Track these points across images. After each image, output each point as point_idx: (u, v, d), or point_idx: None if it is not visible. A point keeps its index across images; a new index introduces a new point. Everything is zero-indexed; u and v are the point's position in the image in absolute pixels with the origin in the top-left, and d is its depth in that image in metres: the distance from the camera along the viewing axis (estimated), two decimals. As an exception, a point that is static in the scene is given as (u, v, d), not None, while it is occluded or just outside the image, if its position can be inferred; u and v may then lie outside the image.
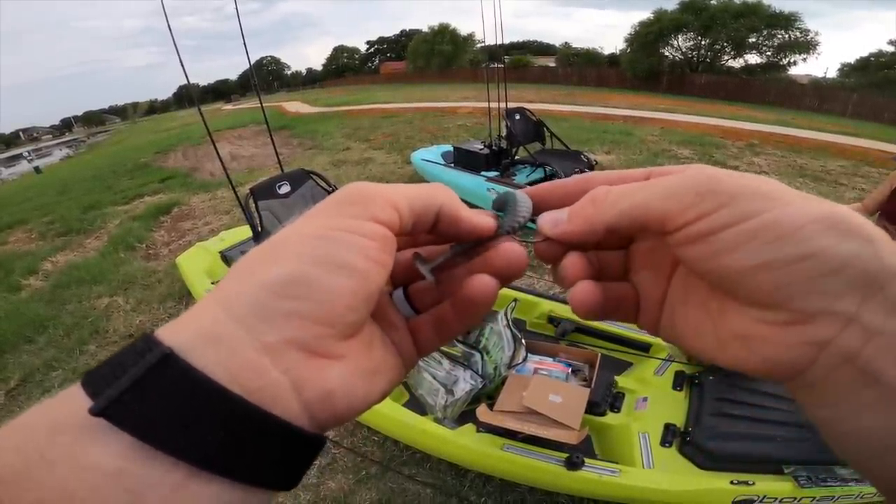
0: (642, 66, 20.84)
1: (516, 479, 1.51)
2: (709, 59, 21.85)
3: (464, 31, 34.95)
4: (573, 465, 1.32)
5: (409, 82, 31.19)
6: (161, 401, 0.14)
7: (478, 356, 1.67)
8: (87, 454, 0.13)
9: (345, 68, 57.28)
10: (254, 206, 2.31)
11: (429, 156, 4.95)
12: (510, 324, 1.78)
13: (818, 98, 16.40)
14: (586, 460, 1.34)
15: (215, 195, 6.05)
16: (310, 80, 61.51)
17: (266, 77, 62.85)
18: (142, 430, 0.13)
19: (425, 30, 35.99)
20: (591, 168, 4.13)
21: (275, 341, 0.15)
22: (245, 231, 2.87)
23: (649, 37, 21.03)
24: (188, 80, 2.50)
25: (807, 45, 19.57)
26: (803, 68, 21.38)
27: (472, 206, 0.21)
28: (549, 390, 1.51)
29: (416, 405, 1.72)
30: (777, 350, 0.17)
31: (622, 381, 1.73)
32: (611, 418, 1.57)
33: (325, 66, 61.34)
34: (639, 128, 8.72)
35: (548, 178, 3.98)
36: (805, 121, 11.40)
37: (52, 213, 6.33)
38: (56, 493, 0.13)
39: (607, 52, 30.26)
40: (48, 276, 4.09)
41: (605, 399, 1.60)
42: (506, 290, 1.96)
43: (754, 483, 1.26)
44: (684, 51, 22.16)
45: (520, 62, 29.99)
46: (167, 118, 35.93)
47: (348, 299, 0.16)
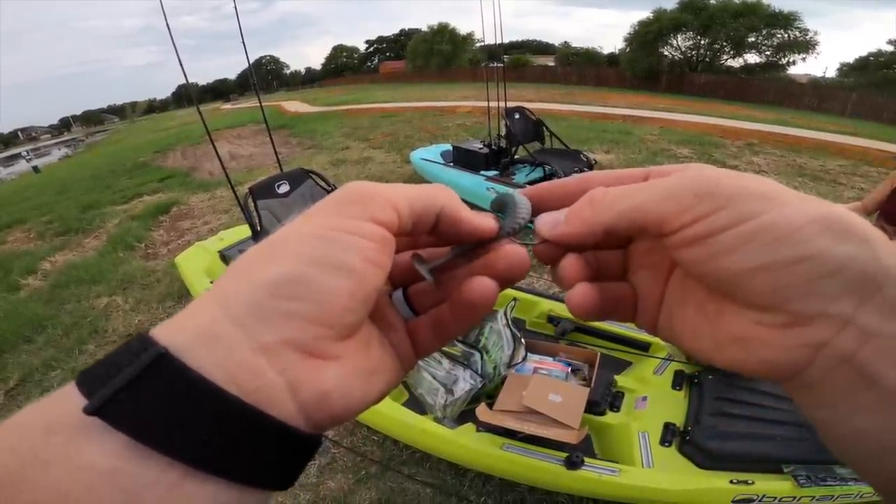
0: (642, 65, 20.83)
1: (516, 479, 1.51)
2: (708, 59, 21.87)
3: (463, 30, 35.01)
4: (573, 464, 1.32)
5: (409, 82, 31.16)
6: (156, 400, 0.14)
7: (477, 355, 1.67)
8: (81, 454, 0.13)
9: (344, 68, 57.25)
10: (253, 205, 2.30)
11: (428, 155, 4.95)
12: (510, 323, 1.78)
13: (817, 97, 16.40)
14: (586, 460, 1.34)
15: (214, 194, 6.04)
16: (309, 80, 61.49)
17: (265, 76, 62.74)
18: (136, 429, 0.13)
19: (424, 29, 36.05)
20: (591, 167, 4.13)
21: (271, 342, 0.15)
22: (244, 230, 2.87)
23: (649, 36, 21.03)
24: (187, 80, 2.49)
25: (806, 45, 19.60)
26: (802, 68, 21.52)
27: (471, 205, 0.21)
28: (549, 390, 1.51)
29: (416, 404, 1.72)
30: (774, 352, 0.17)
31: (622, 380, 1.73)
32: (610, 418, 1.57)
33: (324, 65, 61.38)
34: (638, 127, 8.72)
35: (547, 177, 3.98)
36: (804, 120, 11.40)
37: (51, 213, 6.32)
38: (51, 494, 0.12)
39: (607, 51, 30.33)
40: (47, 275, 4.09)
41: (604, 398, 1.60)
42: (505, 290, 1.96)
43: (754, 482, 1.26)
44: (683, 50, 22.18)
45: (519, 61, 29.98)
46: (166, 117, 35.88)
47: (346, 300, 0.16)
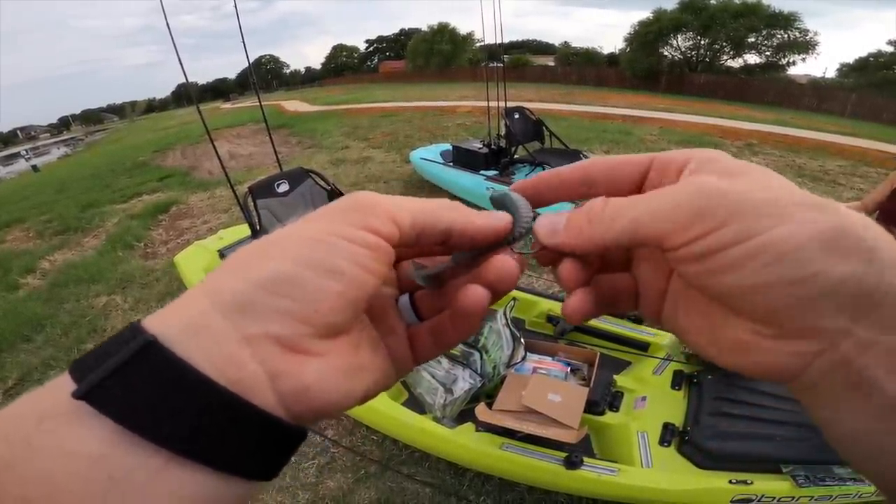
0: (641, 65, 20.85)
1: (515, 479, 1.51)
2: (708, 59, 21.88)
3: (463, 30, 35.07)
4: (572, 464, 1.32)
5: (409, 81, 31.13)
6: (143, 387, 0.14)
7: (477, 355, 1.67)
8: (70, 439, 0.13)
9: (344, 67, 57.25)
10: (252, 204, 2.30)
11: (428, 155, 4.95)
12: (509, 323, 1.78)
13: (817, 98, 16.42)
14: (585, 459, 1.35)
15: (214, 194, 6.03)
16: (309, 79, 61.50)
17: (265, 76, 62.71)
18: (123, 415, 0.14)
19: (424, 29, 36.10)
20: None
21: (255, 334, 0.16)
22: (243, 230, 2.86)
23: (649, 36, 21.05)
24: (187, 79, 2.49)
25: (806, 45, 19.62)
26: (802, 68, 21.48)
27: (471, 205, 0.21)
28: (548, 389, 1.51)
29: (415, 404, 1.72)
30: (770, 357, 0.17)
31: (621, 380, 1.73)
32: (609, 417, 1.57)
33: (323, 64, 61.43)
34: (638, 127, 8.72)
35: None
36: (804, 120, 11.41)
37: (50, 212, 6.31)
38: (38, 480, 0.13)
39: (607, 51, 30.37)
40: (46, 274, 4.08)
41: (603, 398, 1.60)
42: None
43: (752, 482, 1.27)
44: (683, 50, 22.19)
45: (519, 61, 29.99)
46: (166, 117, 35.85)
47: (333, 302, 0.17)
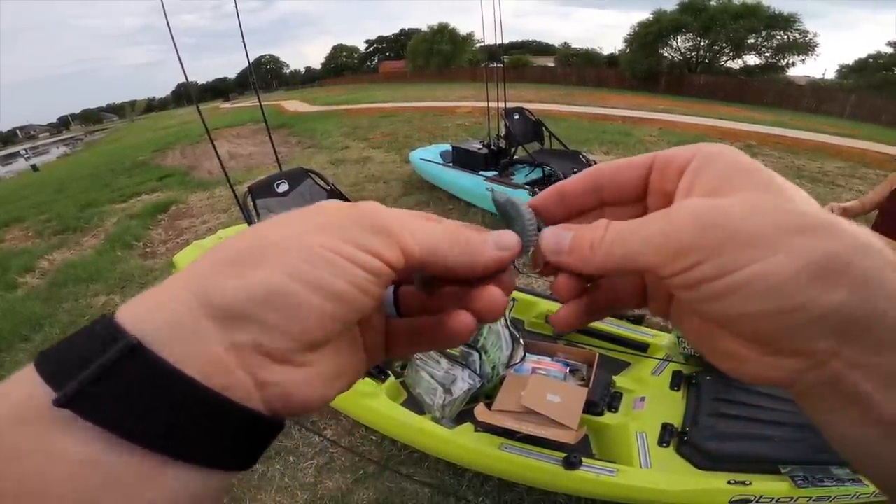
0: (641, 66, 20.85)
1: (514, 479, 1.51)
2: (708, 60, 21.89)
3: (463, 30, 35.04)
4: (571, 464, 1.33)
5: (408, 82, 31.14)
6: (131, 393, 0.14)
7: (476, 355, 1.67)
8: (55, 444, 0.13)
9: (344, 67, 57.23)
10: (252, 204, 2.30)
11: (427, 155, 4.95)
12: (508, 323, 1.78)
13: (816, 99, 16.44)
14: (584, 460, 1.35)
15: (213, 193, 6.03)
16: (309, 79, 61.48)
17: (265, 76, 62.68)
18: (113, 423, 0.13)
19: (424, 29, 36.05)
20: (590, 168, 4.13)
21: (243, 342, 0.16)
22: (243, 229, 2.87)
23: (648, 37, 21.06)
24: (187, 79, 2.49)
25: (805, 47, 19.64)
26: (802, 69, 21.49)
27: (470, 206, 0.21)
28: (548, 390, 1.51)
29: (414, 404, 1.72)
30: (763, 370, 0.18)
31: (620, 380, 1.73)
32: (608, 418, 1.57)
33: (324, 64, 61.39)
34: (637, 128, 8.72)
35: (546, 177, 3.98)
36: (803, 122, 11.41)
37: (49, 211, 6.30)
38: (26, 485, 0.13)
39: (606, 52, 30.32)
40: (45, 274, 4.08)
41: (602, 399, 1.60)
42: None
43: (751, 483, 1.27)
44: (683, 51, 22.21)
45: (519, 62, 29.99)
46: (165, 116, 35.84)
47: (326, 322, 0.17)
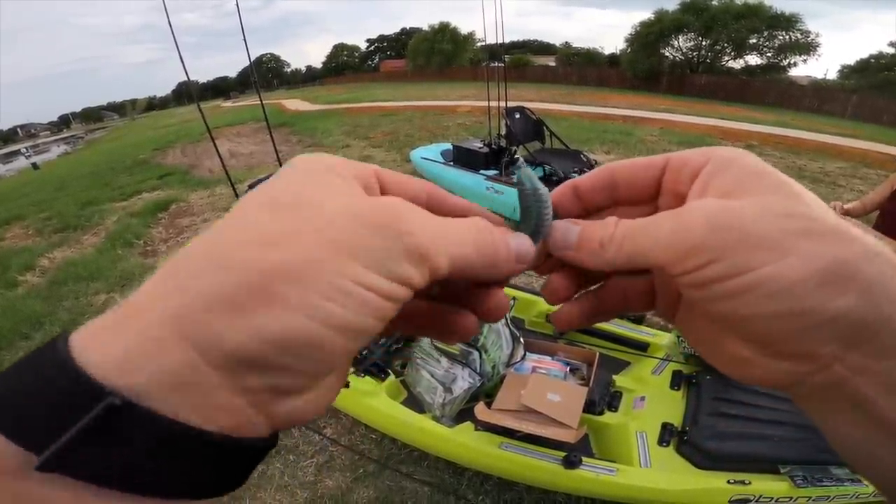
0: (642, 66, 20.85)
1: (514, 478, 1.51)
2: (709, 60, 21.87)
3: (464, 29, 35.04)
4: (571, 463, 1.33)
5: (409, 81, 31.17)
6: (121, 448, 0.13)
7: (476, 354, 1.67)
8: (37, 499, 0.12)
9: (345, 66, 57.21)
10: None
11: (428, 154, 4.96)
12: (509, 322, 1.79)
13: (818, 99, 16.45)
14: (584, 459, 1.35)
15: (214, 192, 6.04)
16: (310, 78, 61.48)
17: (266, 74, 62.72)
18: (104, 479, 0.12)
19: (426, 28, 36.03)
20: (591, 167, 4.12)
21: (254, 386, 0.14)
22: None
23: (650, 37, 21.05)
24: (188, 77, 2.49)
25: (807, 47, 19.62)
26: (803, 69, 21.46)
27: None
28: (548, 389, 1.51)
29: (415, 403, 1.72)
30: (766, 373, 0.18)
31: (620, 380, 1.73)
32: (608, 417, 1.57)
33: (324, 63, 61.33)
34: (638, 128, 8.73)
35: (547, 177, 3.98)
36: (804, 122, 11.42)
37: (50, 210, 6.32)
38: None
39: (608, 51, 30.34)
40: (45, 272, 4.08)
41: (602, 398, 1.60)
42: (505, 290, 1.96)
43: (751, 482, 1.27)
44: (685, 51, 22.19)
45: (520, 61, 29.96)
46: (166, 115, 35.89)
47: (341, 358, 0.16)
